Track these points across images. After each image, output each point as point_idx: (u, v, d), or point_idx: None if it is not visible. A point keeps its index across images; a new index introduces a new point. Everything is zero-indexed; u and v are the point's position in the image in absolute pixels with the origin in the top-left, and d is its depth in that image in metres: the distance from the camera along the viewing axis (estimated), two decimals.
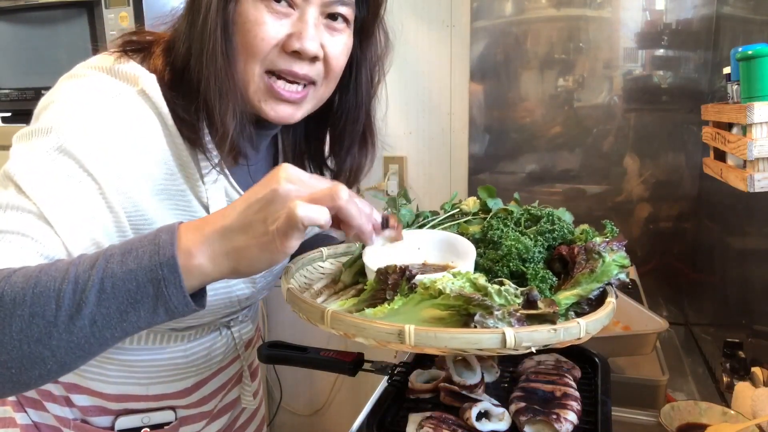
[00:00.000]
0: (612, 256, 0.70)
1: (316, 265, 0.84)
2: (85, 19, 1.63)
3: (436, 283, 0.60)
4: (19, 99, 1.79)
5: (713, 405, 0.90)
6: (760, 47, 0.78)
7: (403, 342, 0.56)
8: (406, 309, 0.60)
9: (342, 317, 0.59)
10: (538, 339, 0.57)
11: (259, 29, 0.70)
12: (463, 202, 0.90)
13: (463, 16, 1.75)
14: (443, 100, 1.86)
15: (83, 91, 0.69)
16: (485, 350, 0.56)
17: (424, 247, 0.79)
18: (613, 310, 0.65)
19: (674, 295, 1.63)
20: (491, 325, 0.58)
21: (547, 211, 0.81)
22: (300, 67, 0.73)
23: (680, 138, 1.59)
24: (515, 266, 0.72)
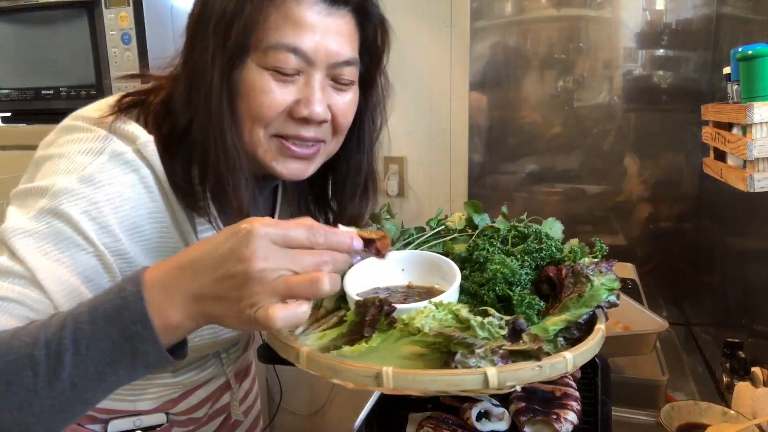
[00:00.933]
0: (601, 279, 0.67)
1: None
2: (85, 19, 1.63)
3: (414, 321, 0.57)
4: (19, 99, 1.79)
5: (713, 405, 0.90)
6: (760, 47, 0.78)
7: (380, 385, 0.54)
8: (385, 346, 0.58)
9: (317, 359, 0.57)
10: (522, 377, 0.54)
11: (265, 97, 0.68)
12: (449, 219, 0.87)
13: (463, 16, 1.75)
14: (443, 100, 1.86)
15: (81, 150, 0.67)
16: (468, 391, 0.54)
17: (408, 268, 0.77)
18: (602, 338, 0.62)
19: (674, 295, 1.63)
20: (473, 365, 0.55)
21: (535, 228, 0.79)
22: (307, 131, 0.71)
23: (680, 138, 1.59)
24: (502, 291, 0.69)
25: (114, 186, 0.66)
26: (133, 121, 0.70)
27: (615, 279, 0.68)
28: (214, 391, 0.95)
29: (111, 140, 0.68)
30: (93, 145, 0.67)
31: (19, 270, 0.61)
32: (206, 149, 0.69)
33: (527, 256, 0.74)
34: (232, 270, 0.51)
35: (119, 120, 0.70)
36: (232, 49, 0.67)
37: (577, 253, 0.74)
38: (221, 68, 0.67)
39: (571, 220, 1.70)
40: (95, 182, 0.65)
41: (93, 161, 0.66)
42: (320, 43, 0.68)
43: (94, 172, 0.65)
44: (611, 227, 1.68)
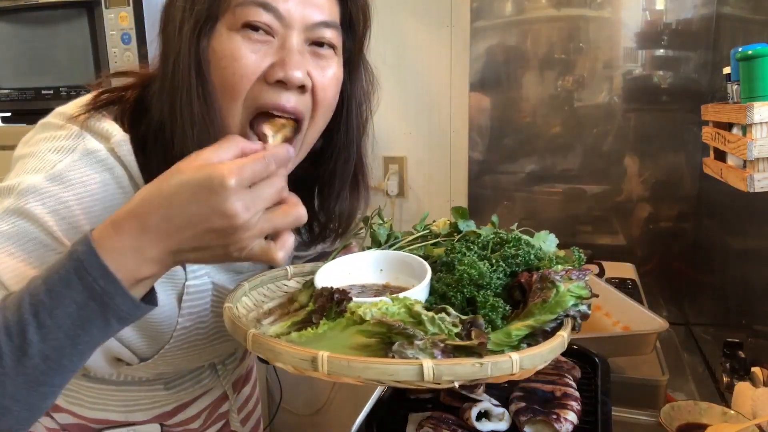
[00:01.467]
0: (568, 285, 0.64)
1: (279, 284, 0.79)
2: (85, 19, 1.63)
3: (360, 309, 0.57)
4: (19, 99, 1.79)
5: (713, 405, 0.90)
6: (760, 47, 0.78)
7: (316, 369, 0.54)
8: (332, 334, 0.58)
9: (261, 341, 0.57)
10: (461, 373, 0.52)
11: (237, 64, 0.63)
12: (435, 223, 0.87)
13: (463, 16, 1.76)
14: (443, 99, 1.86)
15: (52, 148, 0.65)
16: (402, 383, 0.52)
17: (386, 268, 0.76)
18: (561, 344, 0.58)
19: (674, 295, 1.63)
20: (411, 356, 0.54)
21: (515, 235, 0.77)
22: (287, 99, 0.65)
23: (680, 138, 1.59)
24: (469, 292, 0.68)
25: (85, 185, 0.64)
26: (110, 119, 0.68)
27: (585, 287, 0.65)
28: (210, 403, 0.95)
29: (83, 138, 0.65)
30: (65, 143, 0.65)
31: None
32: (175, 128, 0.64)
33: (502, 261, 0.72)
34: (215, 225, 0.51)
35: (94, 117, 0.67)
36: (200, 14, 0.63)
37: (553, 260, 0.72)
38: (189, 36, 0.63)
39: (571, 220, 1.71)
40: (65, 181, 0.63)
41: (64, 159, 0.64)
42: (295, 3, 0.64)
43: (64, 170, 0.63)
44: (611, 227, 1.68)
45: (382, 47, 1.88)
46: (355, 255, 0.78)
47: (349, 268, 0.76)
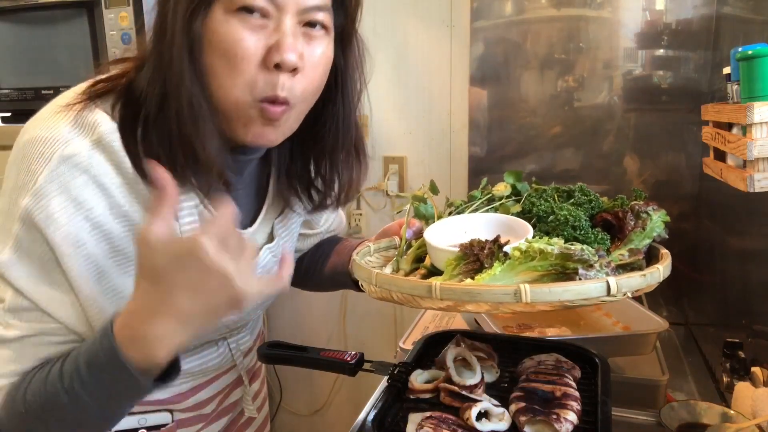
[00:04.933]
0: (656, 214, 0.81)
1: (366, 260, 0.86)
2: (85, 19, 1.63)
3: (533, 245, 0.64)
4: (19, 99, 1.79)
5: (713, 405, 0.90)
6: (760, 47, 0.78)
7: (519, 300, 0.60)
8: (503, 274, 0.65)
9: (452, 287, 0.63)
10: (633, 284, 0.64)
11: (238, 46, 0.65)
12: (495, 187, 0.95)
13: (463, 16, 1.75)
14: (443, 99, 1.86)
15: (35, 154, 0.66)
16: (591, 299, 0.62)
17: (471, 229, 0.83)
18: (670, 258, 0.75)
19: (674, 295, 1.63)
20: (593, 276, 0.63)
21: (579, 186, 0.88)
22: (281, 87, 0.68)
23: (680, 138, 1.59)
24: (569, 234, 0.76)
25: (67, 193, 0.65)
26: (101, 109, 0.68)
27: (666, 214, 0.82)
28: (225, 387, 0.95)
29: (60, 142, 0.66)
30: (44, 149, 0.65)
31: (25, 304, 0.66)
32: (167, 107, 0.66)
33: (579, 208, 0.83)
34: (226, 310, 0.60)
35: (86, 108, 0.68)
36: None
37: (624, 199, 0.85)
38: (183, 15, 0.64)
39: None
40: (47, 194, 0.65)
41: (43, 169, 0.65)
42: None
43: (45, 182, 0.64)
44: None
45: (382, 46, 1.88)
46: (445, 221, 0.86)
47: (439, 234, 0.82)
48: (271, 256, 0.89)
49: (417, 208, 0.91)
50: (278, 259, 0.91)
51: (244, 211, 0.85)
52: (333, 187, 0.86)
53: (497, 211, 0.89)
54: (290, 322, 2.15)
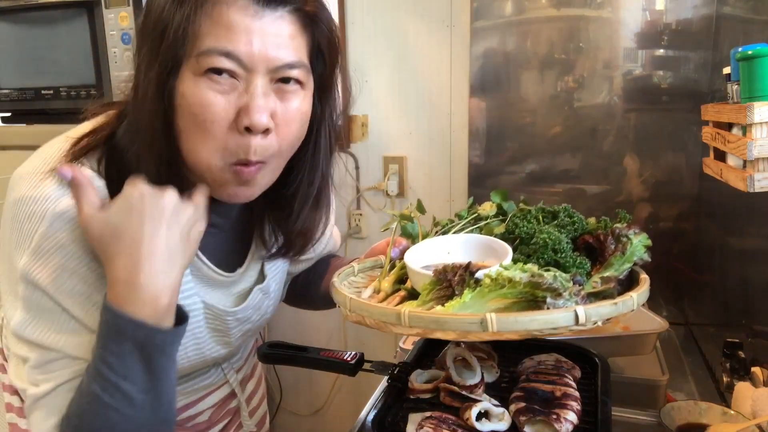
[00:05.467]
0: (637, 238, 0.78)
1: (350, 280, 0.86)
2: (85, 19, 1.63)
3: (503, 273, 0.64)
4: (19, 99, 1.79)
5: (713, 405, 0.90)
6: (760, 47, 0.78)
7: (485, 330, 0.60)
8: (474, 302, 0.64)
9: (420, 314, 0.63)
10: (603, 313, 0.63)
11: (208, 110, 0.65)
12: (480, 207, 0.94)
13: (463, 16, 1.75)
14: (443, 100, 1.86)
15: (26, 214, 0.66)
16: (559, 329, 0.61)
17: (453, 250, 0.82)
18: (649, 283, 0.72)
19: (674, 295, 1.63)
20: (561, 305, 0.62)
21: (564, 207, 0.87)
22: (254, 151, 0.67)
23: (680, 138, 1.58)
24: (549, 257, 0.76)
25: (63, 250, 0.66)
26: (87, 167, 0.69)
27: (647, 237, 0.79)
28: (218, 401, 0.95)
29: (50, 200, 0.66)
30: (35, 208, 0.66)
31: (52, 356, 0.68)
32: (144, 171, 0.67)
33: (562, 230, 0.82)
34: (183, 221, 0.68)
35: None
36: (165, 58, 0.64)
37: (607, 222, 0.84)
38: (154, 77, 0.64)
39: None
40: (45, 252, 0.65)
41: (38, 229, 0.65)
42: (256, 47, 0.65)
43: (41, 241, 0.65)
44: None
45: (382, 46, 1.88)
46: (427, 242, 0.84)
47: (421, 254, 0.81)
48: (262, 295, 0.89)
49: (404, 227, 0.91)
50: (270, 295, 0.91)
51: (232, 252, 0.85)
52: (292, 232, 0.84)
53: (482, 231, 0.88)
54: (290, 322, 2.15)
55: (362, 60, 1.91)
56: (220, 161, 0.68)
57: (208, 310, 0.80)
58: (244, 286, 0.86)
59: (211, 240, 0.79)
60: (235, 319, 0.84)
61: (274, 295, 0.93)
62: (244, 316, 0.86)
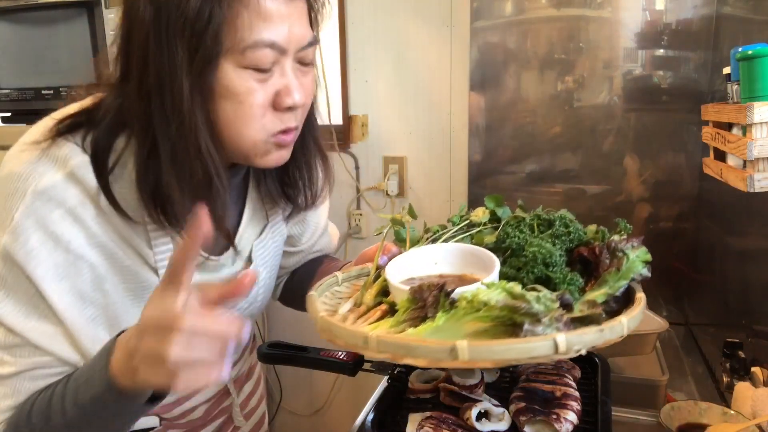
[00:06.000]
0: (635, 252, 0.71)
1: (333, 290, 0.82)
2: (85, 19, 1.63)
3: (478, 296, 0.59)
4: (19, 99, 1.79)
5: (713, 405, 0.90)
6: (760, 47, 0.78)
7: (456, 358, 0.55)
8: (449, 325, 0.60)
9: (388, 340, 0.59)
10: (587, 340, 0.57)
11: (251, 97, 0.68)
12: (472, 213, 0.89)
13: (463, 16, 1.75)
14: (443, 100, 1.86)
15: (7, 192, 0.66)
16: (538, 358, 0.56)
17: (441, 260, 0.78)
18: (644, 305, 0.66)
19: (674, 295, 1.63)
20: (540, 332, 0.57)
21: (559, 215, 0.81)
22: (290, 120, 0.72)
23: (680, 138, 1.59)
24: (540, 272, 0.71)
25: (44, 228, 0.66)
26: (71, 143, 0.69)
27: (647, 252, 0.72)
28: (211, 397, 0.95)
29: (33, 176, 0.66)
30: (18, 185, 0.66)
31: (16, 340, 0.67)
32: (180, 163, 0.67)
33: (557, 240, 0.76)
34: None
35: (55, 144, 0.68)
36: (205, 53, 0.64)
37: (604, 233, 0.78)
38: (192, 74, 0.64)
39: None
40: (25, 230, 0.65)
41: (18, 206, 0.66)
42: (289, 32, 0.68)
43: (21, 219, 0.65)
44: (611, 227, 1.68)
45: (382, 46, 1.88)
46: (412, 251, 0.80)
47: (406, 265, 0.77)
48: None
49: (398, 233, 0.87)
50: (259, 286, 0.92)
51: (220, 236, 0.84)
52: (299, 186, 0.88)
53: (472, 239, 0.84)
54: (290, 322, 2.15)
55: (362, 60, 1.91)
56: (264, 136, 0.71)
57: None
58: (232, 270, 0.86)
59: None
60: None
61: (264, 284, 0.93)
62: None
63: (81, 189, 0.68)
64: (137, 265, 0.74)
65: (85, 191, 0.68)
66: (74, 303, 0.69)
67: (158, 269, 0.75)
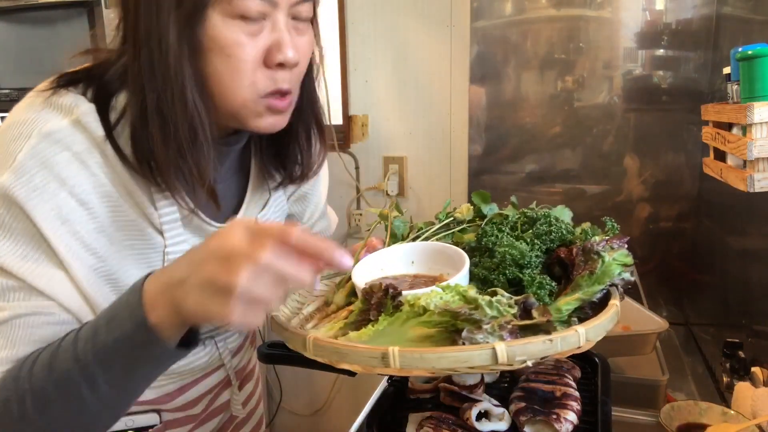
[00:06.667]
0: (612, 255, 0.66)
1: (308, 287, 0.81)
2: (85, 19, 1.63)
3: (420, 300, 0.57)
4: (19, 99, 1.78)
5: (713, 405, 0.90)
6: (760, 47, 0.78)
7: (387, 365, 0.53)
8: (392, 329, 0.57)
9: (323, 344, 0.57)
10: (533, 351, 0.53)
11: (240, 50, 0.66)
12: (457, 210, 0.87)
13: (463, 16, 1.75)
14: (443, 100, 1.86)
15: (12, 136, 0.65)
16: (477, 368, 0.52)
17: (417, 259, 0.77)
18: (616, 313, 0.61)
19: (674, 295, 1.63)
20: (481, 340, 0.54)
21: (544, 212, 0.77)
22: (283, 81, 0.70)
23: (680, 138, 1.59)
24: (512, 273, 0.68)
25: (49, 169, 0.64)
26: (74, 92, 0.68)
27: (627, 254, 0.67)
28: (213, 386, 0.94)
29: (38, 121, 0.65)
30: (22, 129, 0.65)
31: (11, 283, 0.64)
32: (165, 116, 0.66)
33: (537, 240, 0.72)
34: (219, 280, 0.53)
35: (57, 93, 0.68)
36: (191, 3, 0.64)
37: (588, 233, 0.73)
38: (179, 25, 0.64)
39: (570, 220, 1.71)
40: (29, 170, 0.64)
41: (22, 147, 0.64)
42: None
43: (25, 159, 0.64)
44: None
45: (382, 46, 1.88)
46: (386, 250, 0.79)
47: (381, 264, 0.76)
48: None
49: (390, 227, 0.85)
50: None
51: (225, 205, 0.84)
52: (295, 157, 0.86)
53: (452, 237, 0.82)
54: None
55: (362, 60, 1.91)
56: (253, 94, 0.69)
57: None
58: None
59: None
60: None
61: None
62: None
63: (87, 136, 0.66)
64: (142, 223, 0.72)
65: (92, 138, 0.67)
66: (76, 249, 0.66)
67: (164, 231, 0.74)
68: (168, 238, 0.75)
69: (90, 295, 0.68)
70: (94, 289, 0.68)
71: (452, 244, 0.79)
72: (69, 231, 0.66)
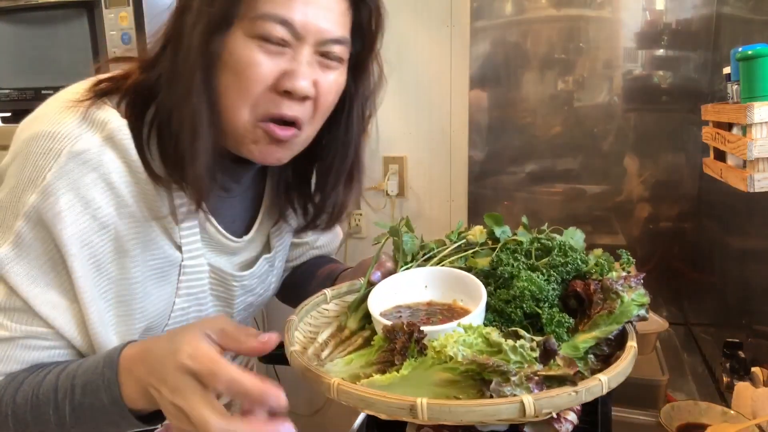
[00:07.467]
0: (631, 294, 0.67)
1: (321, 309, 0.79)
2: (85, 19, 1.63)
3: (446, 348, 0.57)
4: (19, 99, 1.78)
5: (713, 405, 0.90)
6: (760, 47, 0.78)
7: (415, 417, 0.53)
8: (417, 374, 0.57)
9: (349, 390, 0.56)
10: (559, 404, 0.54)
11: (252, 70, 0.66)
12: (470, 232, 0.86)
13: (463, 16, 1.75)
14: (443, 99, 1.86)
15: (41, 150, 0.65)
16: (504, 420, 0.53)
17: (431, 284, 0.76)
18: (634, 355, 0.62)
19: (674, 295, 1.63)
20: (508, 393, 0.54)
21: (559, 242, 0.77)
22: (289, 108, 0.69)
23: (680, 138, 1.59)
24: (529, 308, 0.68)
25: (75, 191, 0.65)
26: (109, 106, 0.68)
27: (645, 294, 0.68)
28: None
29: (69, 138, 0.65)
30: (53, 144, 0.65)
31: (17, 304, 0.65)
32: (170, 115, 0.67)
33: (553, 270, 0.72)
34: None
35: (94, 105, 0.68)
36: (218, 13, 0.65)
37: (604, 266, 0.73)
38: (202, 31, 0.65)
39: (571, 220, 1.71)
40: (55, 192, 0.64)
41: (52, 165, 0.64)
42: (310, 18, 0.67)
43: (53, 179, 0.64)
44: (611, 227, 1.68)
45: (382, 47, 1.88)
46: (401, 274, 0.78)
47: (395, 288, 0.76)
48: (268, 266, 0.89)
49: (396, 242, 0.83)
50: (275, 269, 0.92)
51: (239, 219, 0.85)
52: (326, 205, 0.86)
53: (466, 261, 0.81)
54: None
55: None
56: (252, 116, 0.69)
57: (214, 273, 0.80)
58: (248, 255, 0.87)
59: (221, 204, 0.79)
60: (240, 286, 0.84)
61: (277, 273, 0.94)
62: (249, 284, 0.86)
63: (118, 154, 0.67)
64: (162, 240, 0.72)
65: (122, 156, 0.67)
66: (90, 273, 0.67)
67: (182, 246, 0.75)
68: (185, 252, 0.75)
69: (91, 321, 0.68)
70: (97, 316, 0.69)
71: (465, 268, 0.79)
72: (87, 255, 0.67)
